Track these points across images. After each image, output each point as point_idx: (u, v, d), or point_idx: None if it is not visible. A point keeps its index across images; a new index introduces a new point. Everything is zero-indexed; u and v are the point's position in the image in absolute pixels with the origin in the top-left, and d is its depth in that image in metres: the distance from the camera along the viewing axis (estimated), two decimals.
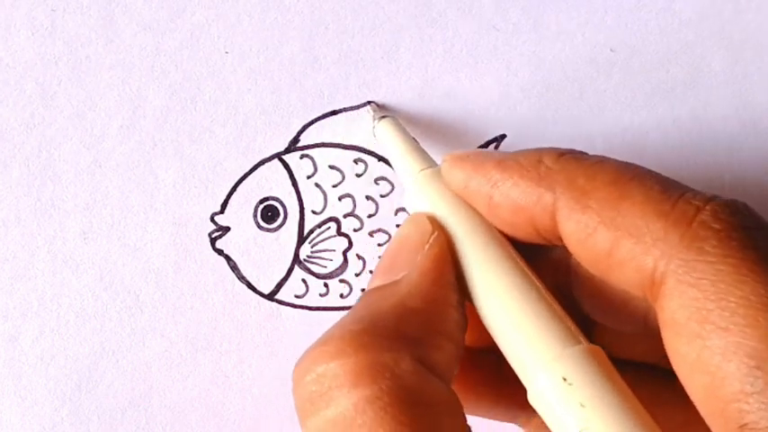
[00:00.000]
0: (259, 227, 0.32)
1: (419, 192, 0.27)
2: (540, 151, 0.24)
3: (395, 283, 0.24)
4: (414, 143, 0.29)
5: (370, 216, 0.32)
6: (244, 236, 0.32)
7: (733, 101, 0.33)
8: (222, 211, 0.31)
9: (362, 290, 0.32)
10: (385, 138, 0.30)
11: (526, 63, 0.32)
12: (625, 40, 0.32)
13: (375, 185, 0.32)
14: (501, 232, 0.25)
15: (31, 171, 0.31)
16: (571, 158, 0.24)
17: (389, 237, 0.32)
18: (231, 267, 0.32)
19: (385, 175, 0.32)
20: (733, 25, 0.33)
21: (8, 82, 0.30)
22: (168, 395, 0.32)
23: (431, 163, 0.28)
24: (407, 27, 0.32)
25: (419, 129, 0.32)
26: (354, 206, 0.32)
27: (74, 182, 0.31)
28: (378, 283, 0.24)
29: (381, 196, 0.32)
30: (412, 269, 0.24)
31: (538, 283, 0.24)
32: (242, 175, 0.31)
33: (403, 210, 0.32)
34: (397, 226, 0.32)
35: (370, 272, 0.32)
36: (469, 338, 0.26)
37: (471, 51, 0.32)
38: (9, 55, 0.30)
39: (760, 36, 0.33)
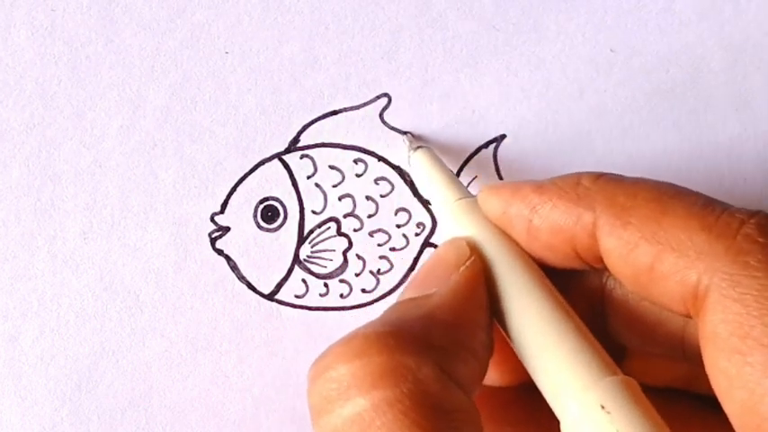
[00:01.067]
0: (259, 227, 0.32)
1: (455, 220, 0.27)
2: (578, 174, 0.25)
3: (426, 296, 0.24)
4: (450, 173, 0.30)
5: (370, 216, 0.32)
6: (244, 236, 0.32)
7: (733, 101, 0.33)
8: (222, 211, 0.31)
9: (363, 290, 0.32)
10: (421, 168, 0.30)
11: (526, 63, 0.32)
12: (625, 41, 0.32)
13: (375, 185, 0.32)
14: (538, 260, 0.25)
15: (31, 171, 0.31)
16: (610, 179, 0.24)
17: (389, 237, 0.32)
18: (231, 267, 0.32)
19: (385, 175, 0.32)
20: (733, 26, 0.33)
21: (8, 82, 0.30)
22: (168, 395, 0.32)
23: (467, 193, 0.28)
24: (407, 27, 0.32)
25: (419, 129, 0.32)
26: (354, 206, 0.32)
27: (74, 182, 0.31)
28: (408, 296, 0.24)
29: (381, 196, 0.32)
30: (445, 285, 0.24)
31: (573, 314, 0.24)
32: (242, 175, 0.31)
33: (403, 210, 0.32)
34: (398, 226, 0.32)
35: (371, 272, 0.32)
36: (502, 376, 0.27)
37: (471, 51, 0.32)
38: (9, 55, 0.30)
39: (760, 36, 0.33)
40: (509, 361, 0.26)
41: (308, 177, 0.32)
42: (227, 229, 0.32)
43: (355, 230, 0.32)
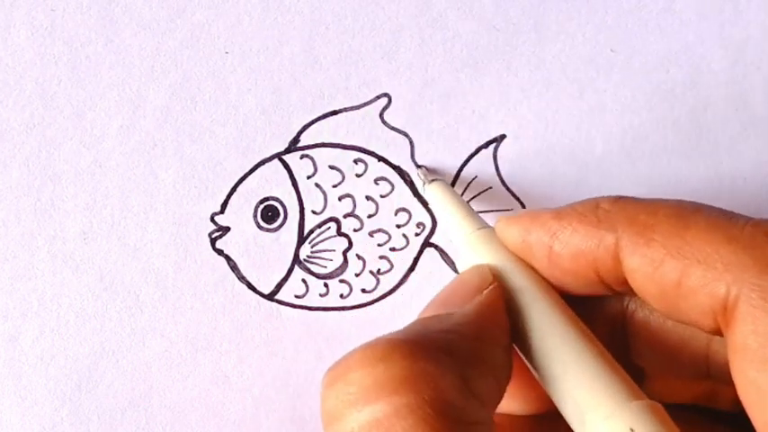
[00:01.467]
0: (259, 227, 0.32)
1: (474, 251, 0.27)
2: (596, 198, 0.25)
3: (448, 314, 0.24)
4: (465, 204, 0.30)
5: (370, 216, 0.32)
6: (244, 236, 0.32)
7: (733, 101, 0.33)
8: (222, 211, 0.31)
9: (363, 290, 0.32)
10: (436, 199, 0.31)
11: (526, 63, 0.32)
12: (625, 41, 0.32)
13: (375, 185, 0.32)
14: (558, 288, 0.25)
15: (31, 171, 0.31)
16: (629, 200, 0.24)
17: (389, 237, 0.32)
18: (231, 267, 0.32)
19: (385, 176, 0.32)
20: (733, 26, 0.33)
21: (8, 82, 0.30)
22: (168, 395, 0.32)
23: (483, 224, 0.28)
24: (408, 27, 0.32)
25: (419, 129, 0.32)
26: (354, 206, 0.32)
27: (74, 182, 0.31)
28: (430, 313, 0.24)
29: (381, 196, 0.32)
30: (468, 306, 0.24)
31: (595, 340, 0.24)
32: (242, 175, 0.31)
33: (403, 210, 0.32)
34: (398, 226, 0.32)
35: (371, 272, 0.32)
36: (524, 405, 0.26)
37: (471, 51, 0.32)
38: (9, 55, 0.30)
39: (760, 36, 0.33)
40: (531, 388, 0.26)
41: (308, 177, 0.32)
42: (227, 229, 0.32)
43: (355, 230, 0.32)
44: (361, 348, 0.22)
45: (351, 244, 0.32)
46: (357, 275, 0.32)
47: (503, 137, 0.32)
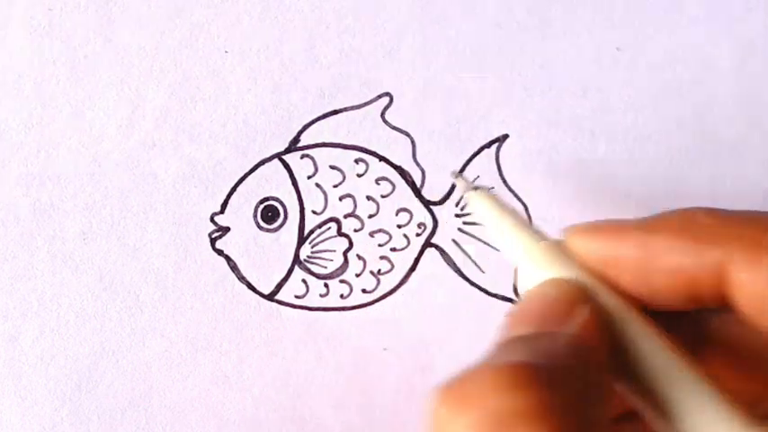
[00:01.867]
0: (259, 227, 0.32)
1: (541, 265, 0.25)
2: (689, 210, 0.23)
3: (551, 334, 0.22)
4: (517, 214, 0.27)
5: (370, 216, 0.32)
6: (244, 236, 0.32)
7: (739, 100, 0.33)
8: (222, 211, 0.31)
9: (363, 290, 0.32)
10: (483, 209, 0.28)
11: (530, 62, 0.32)
12: (632, 39, 0.32)
13: (376, 185, 0.32)
14: (641, 303, 0.24)
15: (30, 171, 0.30)
16: (728, 213, 0.23)
17: (390, 237, 0.32)
18: (231, 267, 0.32)
19: (386, 176, 0.32)
20: (740, 24, 0.32)
21: (6, 82, 0.30)
22: (168, 395, 0.32)
23: (542, 234, 0.26)
24: (410, 25, 0.31)
25: (421, 128, 0.32)
26: (355, 206, 0.32)
27: (73, 182, 0.31)
28: (513, 332, 0.23)
29: (382, 196, 0.32)
30: (569, 326, 0.22)
31: (696, 362, 0.22)
32: (242, 175, 0.31)
33: (404, 210, 0.32)
34: (399, 226, 0.32)
35: (371, 272, 0.32)
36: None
37: (474, 50, 0.32)
38: (7, 55, 0.30)
39: (767, 35, 0.32)
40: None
41: (309, 177, 0.32)
42: (227, 229, 0.31)
43: (356, 231, 0.32)
44: (489, 371, 0.20)
45: (351, 244, 0.32)
46: (357, 276, 0.32)
47: (505, 136, 0.32)
